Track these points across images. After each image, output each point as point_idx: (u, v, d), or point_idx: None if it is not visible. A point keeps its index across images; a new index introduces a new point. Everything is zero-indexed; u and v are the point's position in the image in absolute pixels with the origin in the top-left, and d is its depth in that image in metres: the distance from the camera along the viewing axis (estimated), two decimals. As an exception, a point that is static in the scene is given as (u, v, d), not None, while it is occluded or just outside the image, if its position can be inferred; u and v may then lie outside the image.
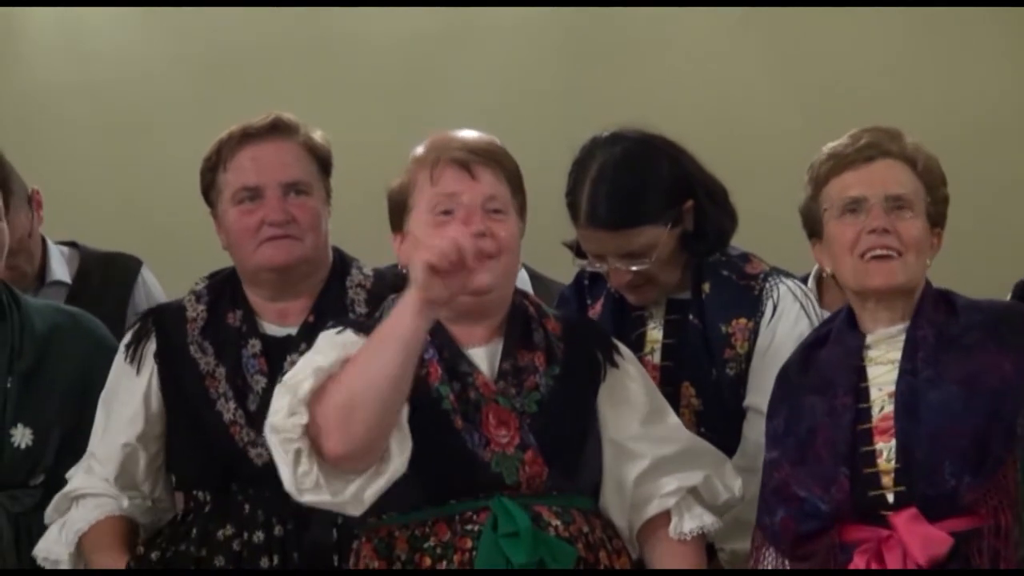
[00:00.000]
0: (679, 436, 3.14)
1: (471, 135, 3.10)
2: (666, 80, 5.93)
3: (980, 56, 5.82)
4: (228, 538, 3.25)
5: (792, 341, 3.29)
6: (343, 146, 3.48)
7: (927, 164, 3.09)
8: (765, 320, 3.39)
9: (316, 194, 3.37)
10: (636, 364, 3.19)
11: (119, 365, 3.39)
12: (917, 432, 2.94)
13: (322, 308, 3.34)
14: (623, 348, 3.18)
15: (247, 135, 3.35)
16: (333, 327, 3.03)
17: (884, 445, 2.97)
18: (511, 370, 3.01)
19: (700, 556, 3.11)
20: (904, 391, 2.97)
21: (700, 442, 3.17)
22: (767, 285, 3.41)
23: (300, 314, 3.35)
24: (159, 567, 3.26)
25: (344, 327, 3.01)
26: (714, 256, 3.43)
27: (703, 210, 3.40)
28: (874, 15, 5.82)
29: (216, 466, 3.29)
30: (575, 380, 3.05)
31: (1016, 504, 2.90)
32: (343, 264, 3.44)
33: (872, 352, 3.06)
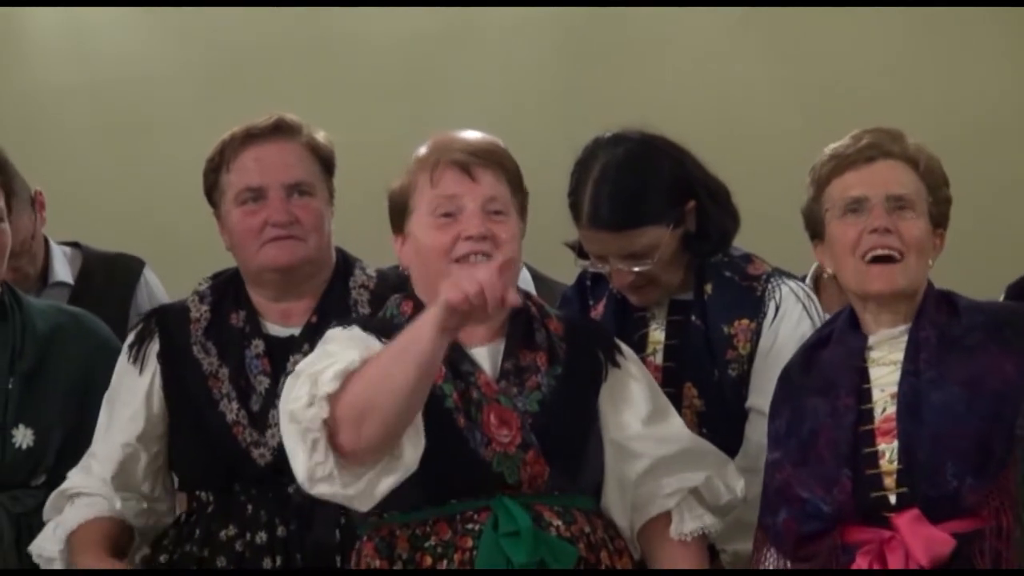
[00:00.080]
0: (681, 436, 3.13)
1: (472, 136, 3.10)
2: (667, 80, 5.93)
3: (980, 56, 5.82)
4: (231, 539, 3.25)
5: (794, 342, 3.28)
6: (345, 146, 3.48)
7: (929, 165, 3.08)
8: (767, 321, 3.38)
9: (319, 195, 3.37)
10: (638, 364, 3.19)
11: (122, 365, 3.39)
12: (919, 433, 2.93)
13: (325, 309, 3.34)
14: (625, 348, 3.18)
15: (250, 136, 3.36)
16: (337, 326, 3.03)
17: (886, 446, 2.97)
18: (513, 370, 3.02)
19: (701, 557, 3.11)
20: (906, 392, 2.97)
21: (702, 443, 3.17)
22: (769, 286, 3.41)
23: (303, 315, 3.36)
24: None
25: (349, 324, 3.02)
26: (716, 257, 3.43)
27: (705, 211, 3.39)
28: (874, 15, 5.81)
29: (219, 466, 3.29)
30: (577, 380, 3.05)
31: (1017, 505, 2.90)
32: (346, 265, 3.44)
33: (874, 353, 3.06)
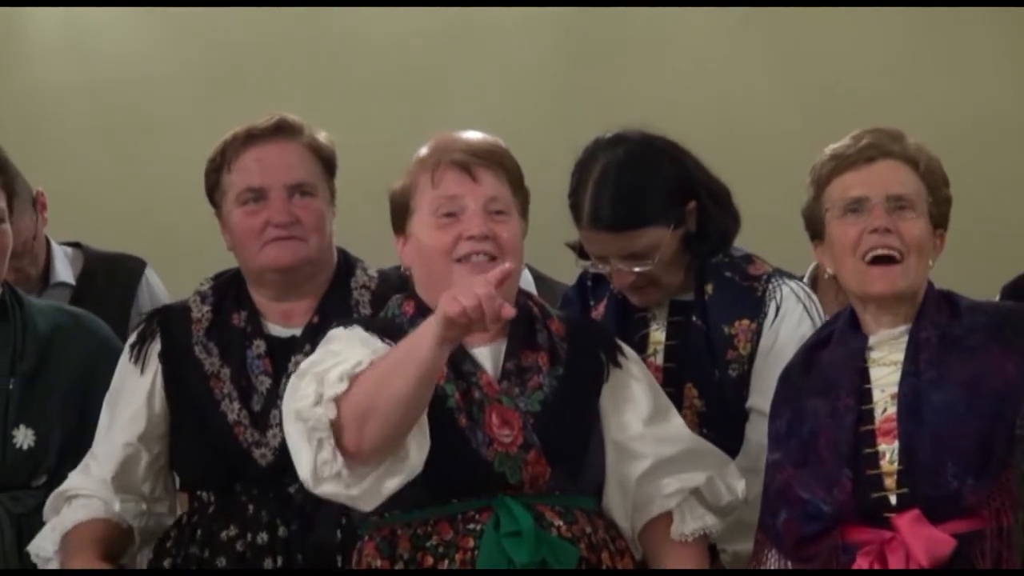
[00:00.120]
0: (682, 437, 3.14)
1: (473, 136, 3.10)
2: (667, 80, 5.93)
3: (981, 56, 5.82)
4: (231, 539, 3.25)
5: (795, 342, 3.28)
6: (346, 147, 3.48)
7: (929, 165, 3.08)
8: (768, 321, 3.38)
9: (321, 195, 3.37)
10: (640, 364, 3.19)
11: (123, 365, 3.39)
12: (920, 434, 2.93)
13: (326, 309, 3.34)
14: (627, 348, 3.19)
15: (251, 136, 3.36)
16: (339, 326, 3.03)
17: (887, 447, 2.97)
18: (515, 370, 3.02)
19: (702, 557, 3.11)
20: (907, 393, 2.97)
21: (703, 443, 3.17)
22: (770, 286, 3.41)
23: (304, 315, 3.36)
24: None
25: (350, 325, 3.02)
26: (717, 257, 3.43)
27: (706, 211, 3.39)
28: (874, 15, 5.81)
29: (220, 466, 3.29)
30: (578, 380, 3.06)
31: (1017, 506, 2.89)
32: (347, 265, 3.44)
33: (874, 354, 3.06)
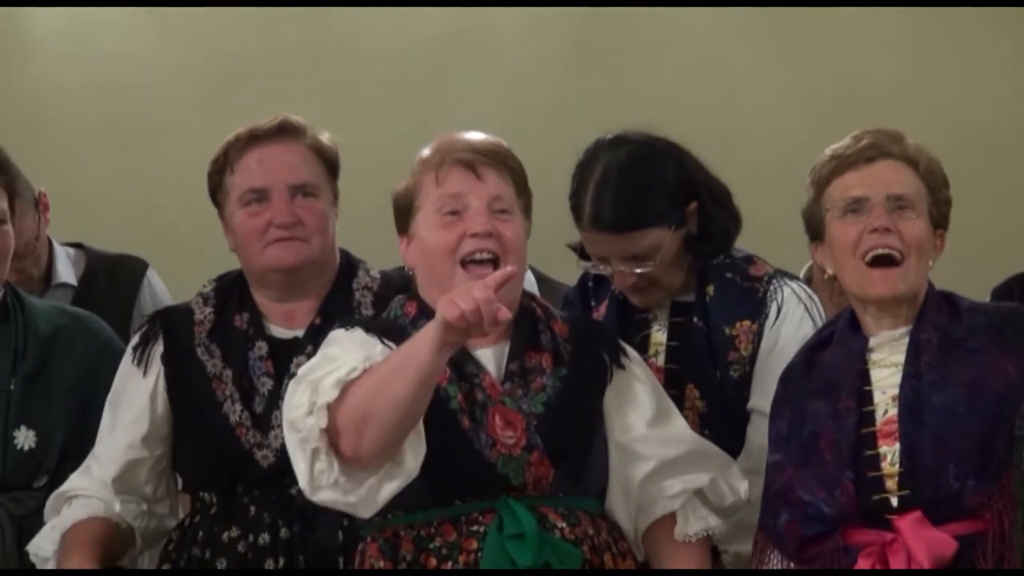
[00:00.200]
0: (685, 438, 3.14)
1: (476, 136, 3.11)
2: (671, 81, 5.92)
3: (988, 58, 5.81)
4: (233, 540, 3.25)
5: (796, 343, 3.28)
6: (351, 149, 3.48)
7: (929, 166, 3.08)
8: (769, 322, 3.38)
9: (323, 196, 3.37)
10: (643, 366, 3.20)
11: (126, 367, 3.39)
12: (921, 435, 2.93)
13: (328, 310, 3.34)
14: (630, 350, 3.19)
15: (254, 137, 3.36)
16: (340, 327, 3.04)
17: (888, 448, 2.97)
18: (518, 371, 3.02)
19: (705, 558, 3.12)
20: (908, 394, 2.97)
21: (706, 444, 3.17)
22: (771, 287, 3.41)
23: (307, 316, 3.36)
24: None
25: (352, 326, 3.02)
26: (718, 258, 3.43)
27: (707, 212, 3.39)
28: (878, 15, 5.80)
29: (222, 468, 3.30)
30: (582, 382, 3.06)
31: (1018, 507, 2.89)
32: (350, 266, 3.44)
33: (875, 355, 3.06)
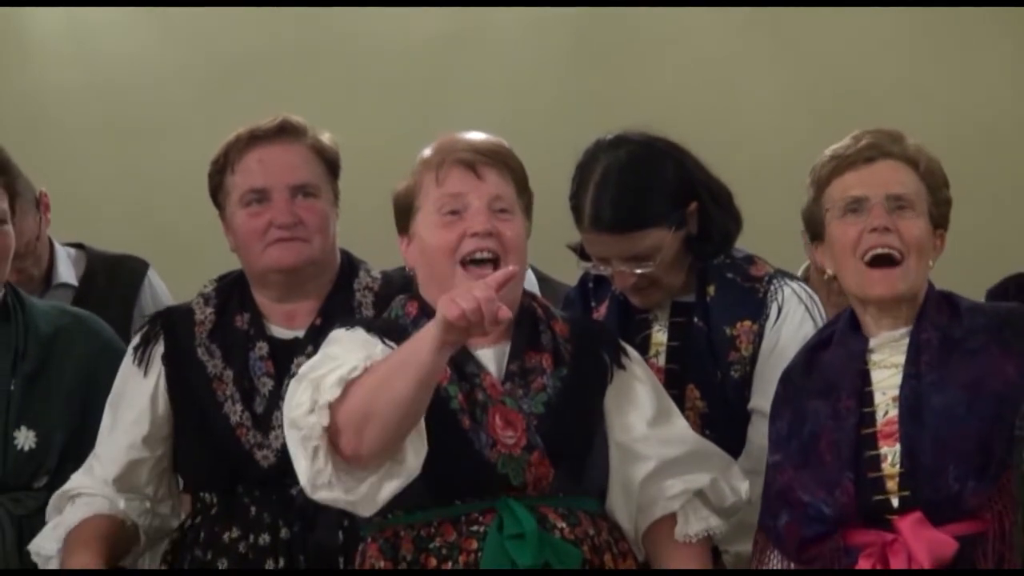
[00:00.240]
0: (686, 438, 3.14)
1: (477, 136, 3.11)
2: (672, 81, 5.93)
3: (988, 58, 5.81)
4: (234, 540, 3.26)
5: (797, 343, 3.28)
6: (351, 149, 3.48)
7: (929, 166, 3.08)
8: (770, 322, 3.38)
9: (324, 196, 3.37)
10: (643, 366, 3.20)
11: (127, 367, 3.39)
12: (921, 436, 2.93)
13: (329, 311, 3.34)
14: (630, 350, 3.19)
15: (254, 137, 3.36)
16: (341, 327, 3.04)
17: (888, 449, 2.96)
18: (518, 371, 3.02)
19: (705, 558, 3.12)
20: (908, 395, 2.97)
21: (707, 444, 3.17)
22: (772, 287, 3.40)
23: (307, 316, 3.36)
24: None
25: (353, 326, 3.02)
26: (718, 258, 3.43)
27: (707, 212, 3.39)
28: (879, 15, 5.81)
29: (223, 468, 3.30)
30: (582, 382, 3.06)
31: (1017, 507, 2.89)
32: (351, 267, 3.44)
33: (875, 356, 3.05)
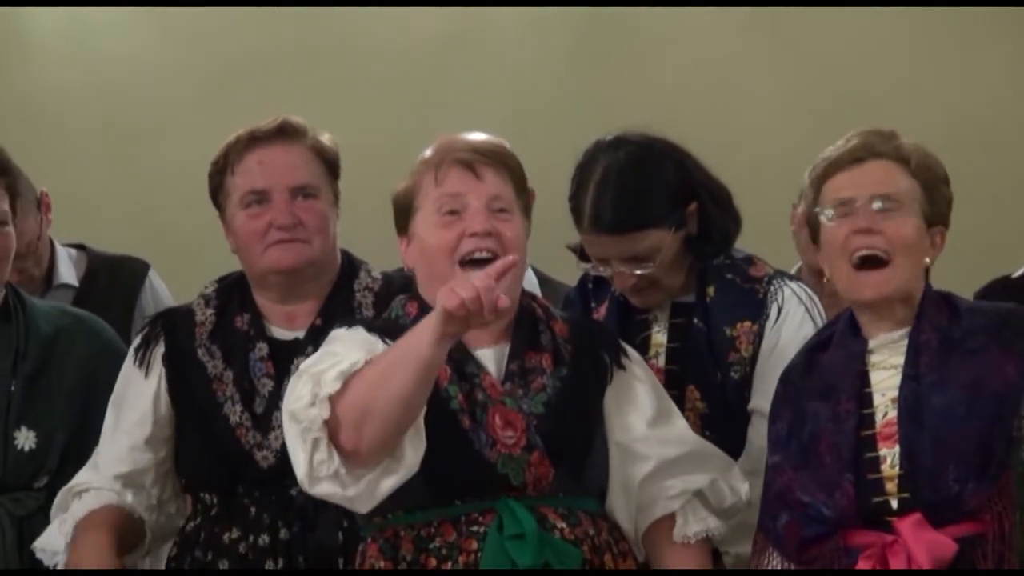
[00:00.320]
0: (686, 438, 3.14)
1: (476, 136, 3.11)
2: (672, 81, 5.93)
3: (988, 58, 5.81)
4: (234, 541, 3.26)
5: (797, 344, 3.28)
6: (351, 149, 3.48)
7: (922, 163, 3.06)
8: (770, 323, 3.38)
9: (324, 197, 3.37)
10: (643, 366, 3.20)
11: (128, 368, 3.39)
12: (921, 437, 2.93)
13: (329, 311, 3.34)
14: (630, 350, 3.19)
15: (254, 138, 3.36)
16: (342, 326, 3.04)
17: (888, 451, 2.96)
18: (518, 371, 3.02)
19: (705, 559, 3.12)
20: (907, 396, 2.96)
21: (707, 445, 3.17)
22: (771, 288, 3.40)
23: (307, 317, 3.36)
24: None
25: (353, 325, 3.03)
26: (718, 259, 3.43)
27: (707, 213, 3.39)
28: (880, 15, 5.81)
29: (223, 469, 3.30)
30: (582, 382, 3.06)
31: (1016, 507, 2.89)
32: (351, 267, 3.44)
33: (874, 357, 3.05)
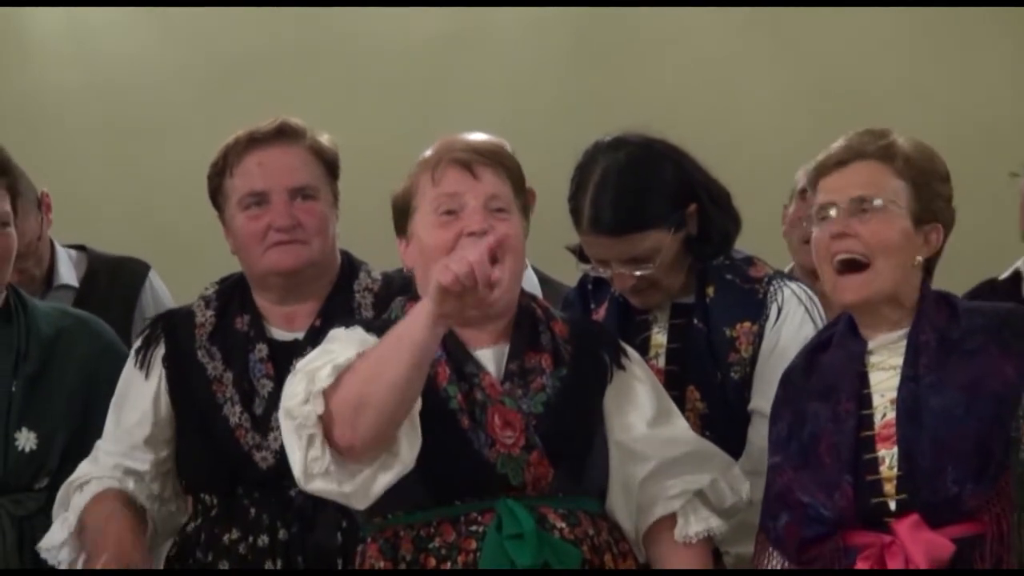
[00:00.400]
0: (686, 438, 3.14)
1: (475, 136, 3.11)
2: (672, 81, 5.93)
3: (988, 58, 5.82)
4: (234, 542, 3.27)
5: (797, 344, 3.28)
6: (351, 149, 3.49)
7: (912, 161, 3.03)
8: (769, 323, 3.38)
9: (323, 198, 3.37)
10: (643, 366, 3.20)
11: (129, 370, 3.40)
12: (919, 439, 2.92)
13: (329, 312, 3.35)
14: (630, 350, 3.19)
15: (253, 140, 3.36)
16: (341, 327, 3.03)
17: (887, 452, 2.96)
18: (518, 371, 3.02)
19: (706, 559, 3.11)
20: (906, 397, 2.96)
21: (707, 445, 3.17)
22: (771, 288, 3.40)
23: (307, 318, 3.36)
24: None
25: (352, 326, 3.02)
26: (718, 260, 3.43)
27: (706, 214, 3.39)
28: (880, 15, 5.81)
29: (222, 470, 3.31)
30: (582, 382, 3.06)
31: (1015, 508, 2.89)
32: (351, 268, 3.44)
33: (874, 358, 3.04)
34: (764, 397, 3.29)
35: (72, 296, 4.20)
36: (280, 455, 3.16)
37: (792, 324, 3.38)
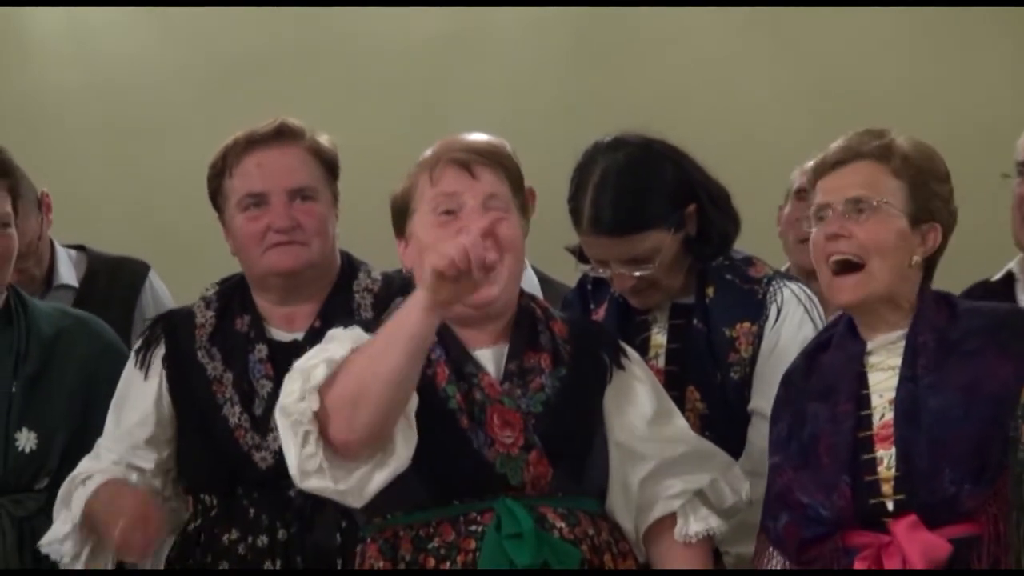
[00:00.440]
0: (686, 438, 3.14)
1: (473, 136, 3.11)
2: (672, 82, 5.93)
3: (988, 58, 5.81)
4: (233, 542, 3.27)
5: (796, 344, 3.28)
6: (351, 149, 3.49)
7: (910, 160, 3.03)
8: (769, 324, 3.38)
9: (322, 199, 3.38)
10: (643, 366, 3.20)
11: (129, 370, 3.40)
12: (917, 440, 2.92)
13: (329, 313, 3.35)
14: (630, 350, 3.19)
15: (252, 141, 3.36)
16: (340, 327, 3.04)
17: (884, 452, 2.96)
18: (517, 371, 3.02)
19: (706, 559, 3.12)
20: (904, 398, 2.96)
21: (707, 445, 3.17)
22: (771, 288, 3.41)
23: (307, 319, 3.37)
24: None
25: (352, 326, 3.03)
26: (717, 260, 3.43)
27: (706, 214, 3.39)
28: (880, 15, 5.81)
29: (222, 470, 3.31)
30: (581, 382, 3.06)
31: (1012, 509, 2.88)
32: (351, 268, 3.45)
33: (872, 358, 3.04)
34: (764, 397, 3.29)
35: (72, 296, 4.20)
36: (279, 455, 3.14)
37: (792, 324, 3.38)
